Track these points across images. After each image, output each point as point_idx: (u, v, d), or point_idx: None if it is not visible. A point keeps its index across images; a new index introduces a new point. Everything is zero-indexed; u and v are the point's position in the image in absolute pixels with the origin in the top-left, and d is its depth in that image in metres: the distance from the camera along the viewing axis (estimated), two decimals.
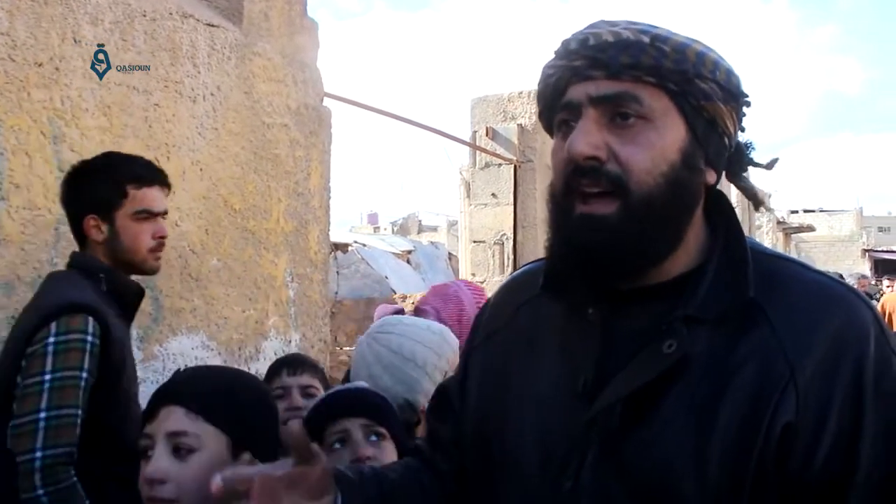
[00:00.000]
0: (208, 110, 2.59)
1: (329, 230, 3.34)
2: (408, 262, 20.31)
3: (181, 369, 1.37)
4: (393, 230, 34.95)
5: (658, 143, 0.97)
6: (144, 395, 2.30)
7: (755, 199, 1.18)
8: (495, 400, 1.12)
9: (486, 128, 6.82)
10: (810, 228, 26.54)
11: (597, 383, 0.99)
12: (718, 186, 1.09)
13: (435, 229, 34.38)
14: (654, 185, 0.97)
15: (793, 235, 26.96)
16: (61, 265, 2.04)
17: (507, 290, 1.26)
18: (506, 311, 1.20)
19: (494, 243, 6.86)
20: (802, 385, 0.91)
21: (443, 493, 1.18)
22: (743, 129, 1.08)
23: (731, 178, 1.11)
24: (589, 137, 0.97)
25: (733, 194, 2.09)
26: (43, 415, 1.62)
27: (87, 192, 1.86)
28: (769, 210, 21.91)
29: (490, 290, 7.13)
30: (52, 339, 1.68)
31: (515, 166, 6.70)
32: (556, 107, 1.03)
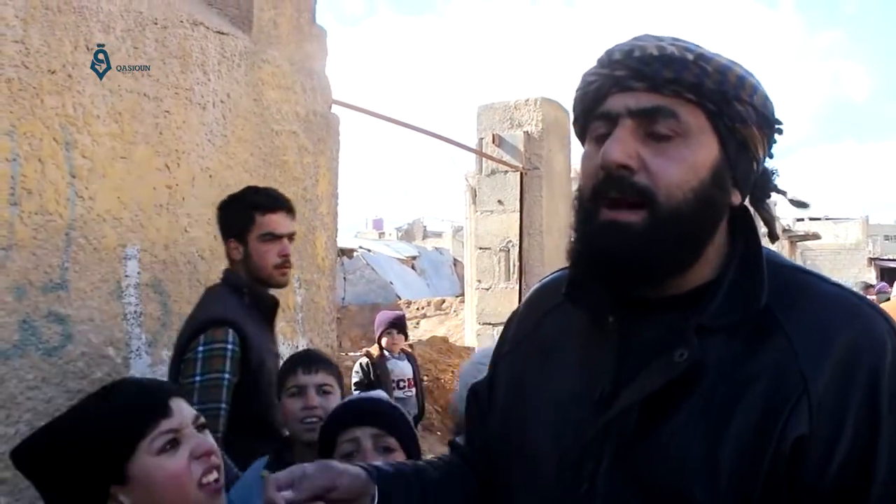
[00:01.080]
0: (218, 117, 2.61)
1: (336, 237, 3.35)
2: (413, 267, 20.33)
3: None
4: (398, 236, 35.00)
5: (690, 159, 0.99)
6: None
7: (772, 230, 1.19)
8: (518, 406, 1.15)
9: (493, 135, 6.84)
10: (816, 236, 26.47)
11: (613, 391, 1.02)
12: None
13: (440, 235, 34.42)
14: (683, 200, 0.98)
15: (798, 243, 26.91)
16: (72, 270, 2.07)
17: (533, 300, 1.28)
18: (531, 320, 1.22)
19: (500, 250, 6.88)
20: (816, 397, 0.91)
21: (481, 494, 1.21)
22: (771, 156, 1.09)
23: (753, 203, 1.12)
24: (623, 146, 0.98)
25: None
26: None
27: (228, 220, 2.27)
28: (774, 218, 21.90)
29: (496, 297, 7.13)
30: (200, 348, 2.06)
31: (522, 173, 6.72)
32: (593, 114, 1.05)
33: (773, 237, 1.21)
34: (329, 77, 3.29)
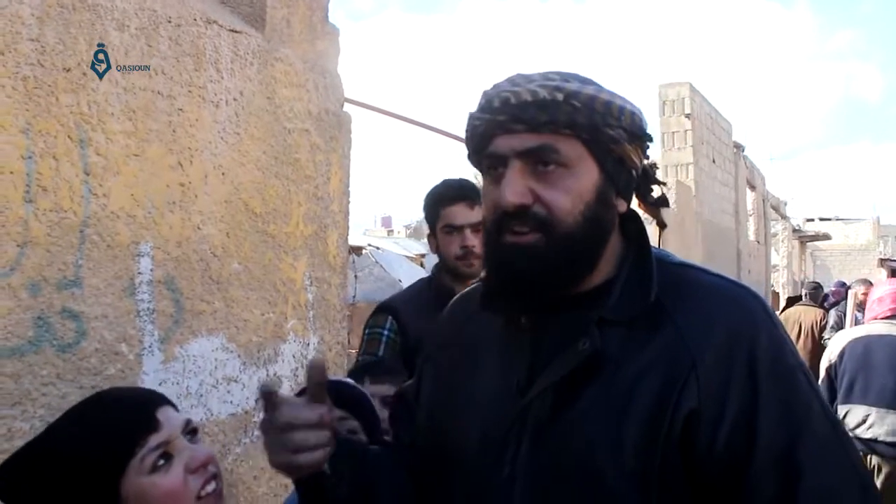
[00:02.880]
0: (231, 115, 2.62)
1: (348, 234, 3.36)
2: (421, 265, 20.33)
3: None
4: (407, 233, 34.98)
5: (575, 187, 1.13)
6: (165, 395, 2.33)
7: (659, 219, 1.34)
8: (445, 404, 1.28)
9: None
10: (826, 237, 26.37)
11: (528, 381, 1.16)
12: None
13: None
14: (574, 223, 1.13)
15: (808, 244, 26.78)
16: (86, 267, 2.08)
17: (455, 307, 1.44)
18: (454, 324, 1.38)
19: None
20: (704, 374, 1.05)
21: (409, 482, 1.31)
22: (647, 157, 1.25)
23: (641, 200, 1.28)
24: (515, 187, 1.12)
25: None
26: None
27: (426, 215, 2.50)
28: (785, 218, 21.77)
29: None
30: (367, 331, 2.42)
31: None
32: (483, 154, 1.19)
33: (661, 225, 1.35)
34: (341, 75, 3.29)
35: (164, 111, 2.34)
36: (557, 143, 1.12)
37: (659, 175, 1.30)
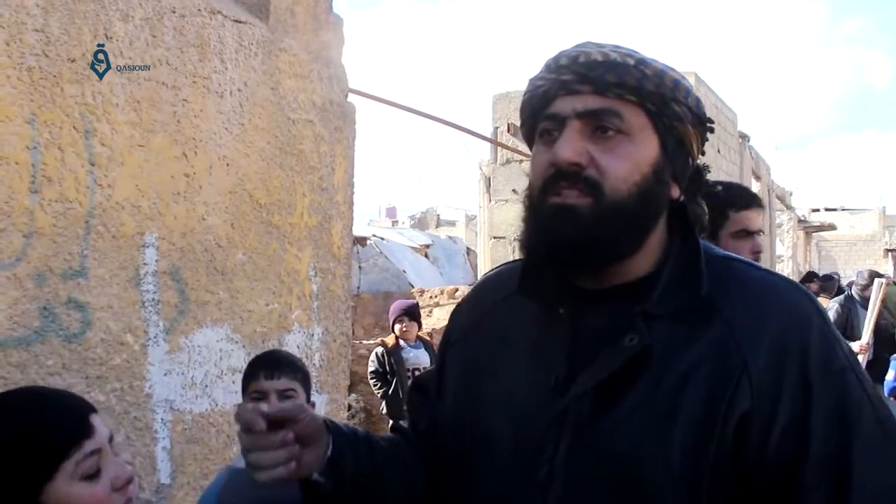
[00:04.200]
0: (235, 106, 2.62)
1: (352, 225, 3.36)
2: (426, 256, 20.35)
3: None
4: (411, 224, 35.00)
5: (634, 156, 1.07)
6: (170, 385, 2.34)
7: (702, 224, 1.27)
8: (472, 394, 1.21)
9: (508, 124, 6.83)
10: (832, 227, 26.29)
11: (568, 377, 1.09)
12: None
13: (453, 224, 34.41)
14: (627, 193, 1.06)
15: (813, 234, 26.73)
16: (92, 258, 2.08)
17: (482, 289, 1.36)
18: (481, 308, 1.30)
19: (514, 239, 6.86)
20: (756, 375, 1.00)
21: (423, 474, 1.25)
22: (703, 154, 1.19)
23: (686, 199, 1.20)
24: (573, 145, 1.06)
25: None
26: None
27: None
28: (790, 208, 21.73)
29: None
30: None
31: None
32: (540, 116, 1.13)
33: (702, 230, 1.29)
34: (345, 66, 3.29)
35: (169, 102, 2.35)
36: (622, 108, 1.07)
37: None
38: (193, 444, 2.46)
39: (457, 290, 16.17)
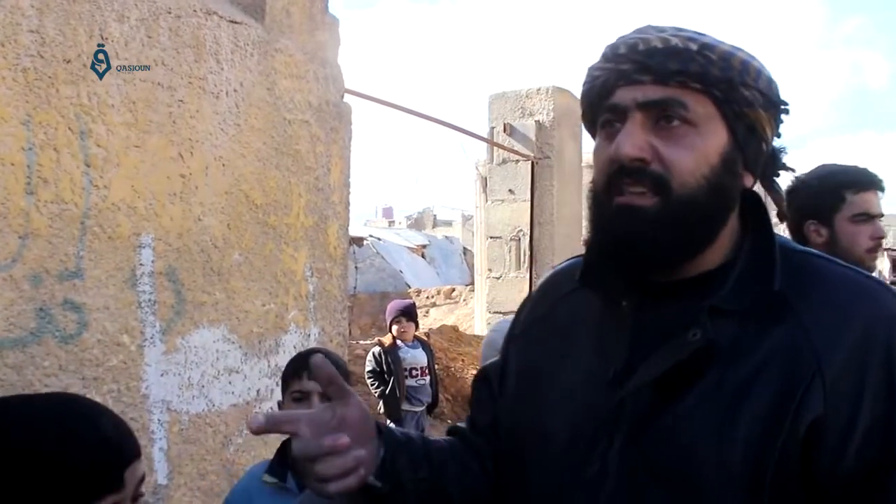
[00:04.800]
0: (231, 106, 2.62)
1: (348, 225, 3.36)
2: (422, 256, 20.35)
3: None
4: (408, 224, 35.01)
5: (701, 147, 1.00)
6: (166, 386, 2.34)
7: (781, 209, 1.19)
8: (531, 388, 1.16)
9: (504, 124, 6.83)
10: None
11: (626, 371, 1.03)
12: None
13: (450, 224, 34.43)
14: (696, 187, 1.00)
15: None
16: (88, 259, 2.08)
17: (546, 286, 1.30)
18: (544, 305, 1.24)
19: (511, 239, 6.88)
20: (830, 378, 0.92)
21: (483, 475, 1.20)
22: (779, 136, 1.11)
23: (763, 184, 1.13)
24: (635, 139, 1.00)
25: None
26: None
27: (809, 200, 2.17)
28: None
29: (506, 286, 7.14)
30: None
31: (533, 163, 6.71)
32: (600, 108, 1.07)
33: (781, 217, 1.22)
34: (341, 66, 3.29)
35: (165, 102, 2.34)
36: (686, 97, 1.00)
37: None
38: (190, 445, 2.45)
39: (453, 289, 16.19)
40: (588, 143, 7.74)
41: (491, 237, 7.11)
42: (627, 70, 1.02)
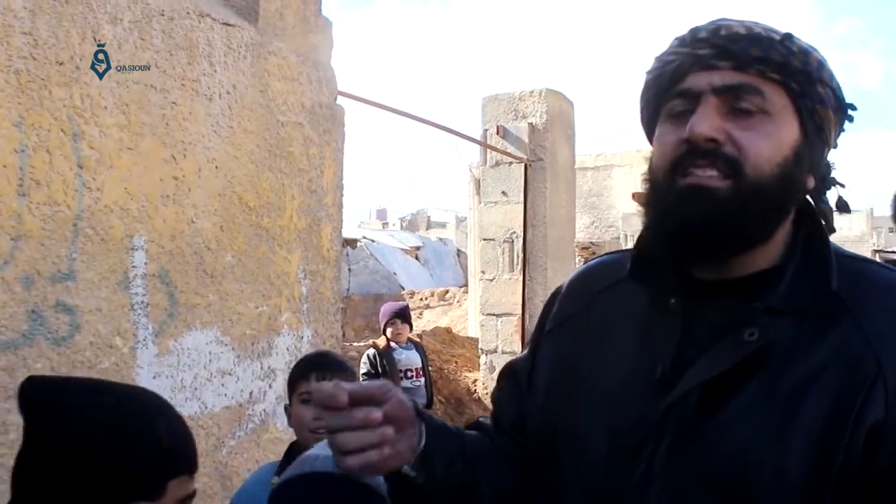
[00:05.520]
0: (224, 108, 2.62)
1: (342, 227, 3.37)
2: (416, 258, 20.35)
3: None
4: (402, 226, 35.01)
5: (776, 135, 0.98)
6: (159, 388, 2.34)
7: (829, 222, 1.13)
8: (566, 386, 1.12)
9: (497, 126, 6.84)
10: None
11: (674, 371, 0.99)
12: None
13: (444, 226, 34.44)
14: (770, 174, 0.97)
15: None
16: (80, 261, 2.08)
17: (581, 279, 1.24)
18: (580, 298, 1.19)
19: (504, 241, 6.89)
20: (892, 382, 0.89)
21: (510, 474, 1.17)
22: (836, 146, 1.08)
23: (812, 195, 1.09)
24: (710, 120, 0.97)
25: None
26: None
27: None
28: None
29: (500, 288, 7.13)
30: None
31: (526, 165, 6.72)
32: (669, 94, 1.03)
33: (830, 230, 1.16)
34: (335, 68, 3.29)
35: (158, 105, 2.34)
36: (763, 85, 0.97)
37: None
38: None
39: (447, 291, 16.19)
40: (581, 146, 7.76)
41: (484, 239, 7.11)
42: (706, 55, 1.00)
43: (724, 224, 0.96)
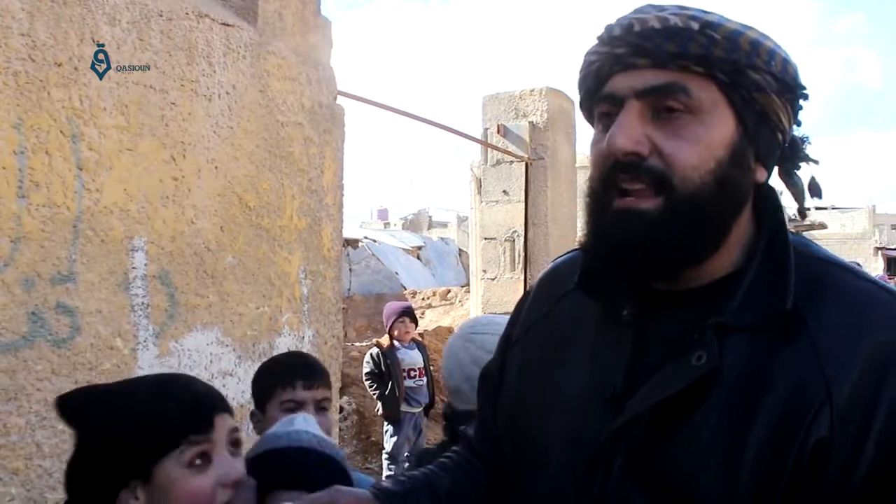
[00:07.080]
0: (223, 109, 2.61)
1: (342, 227, 3.36)
2: (418, 258, 20.34)
3: None
4: (403, 226, 35.01)
5: (705, 138, 0.92)
6: None
7: (801, 205, 1.10)
8: (528, 396, 1.10)
9: (498, 125, 6.83)
10: (822, 226, 26.40)
11: (626, 389, 0.96)
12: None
13: (445, 225, 34.44)
14: (701, 183, 0.92)
15: (804, 233, 26.81)
16: (80, 262, 2.08)
17: (547, 280, 1.21)
18: (543, 304, 1.16)
19: (505, 240, 6.88)
20: (840, 402, 0.85)
21: (494, 488, 1.17)
22: (799, 124, 1.02)
23: (782, 176, 1.06)
24: (629, 131, 0.92)
25: None
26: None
27: None
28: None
29: (501, 287, 7.13)
30: None
31: (527, 164, 6.71)
32: (597, 96, 0.99)
33: (802, 214, 1.12)
34: (334, 68, 3.29)
35: (157, 105, 2.34)
36: (687, 82, 0.91)
37: None
38: None
39: (449, 291, 16.18)
40: (582, 144, 7.75)
41: (486, 238, 7.11)
42: (622, 54, 0.95)
43: (657, 245, 0.93)
